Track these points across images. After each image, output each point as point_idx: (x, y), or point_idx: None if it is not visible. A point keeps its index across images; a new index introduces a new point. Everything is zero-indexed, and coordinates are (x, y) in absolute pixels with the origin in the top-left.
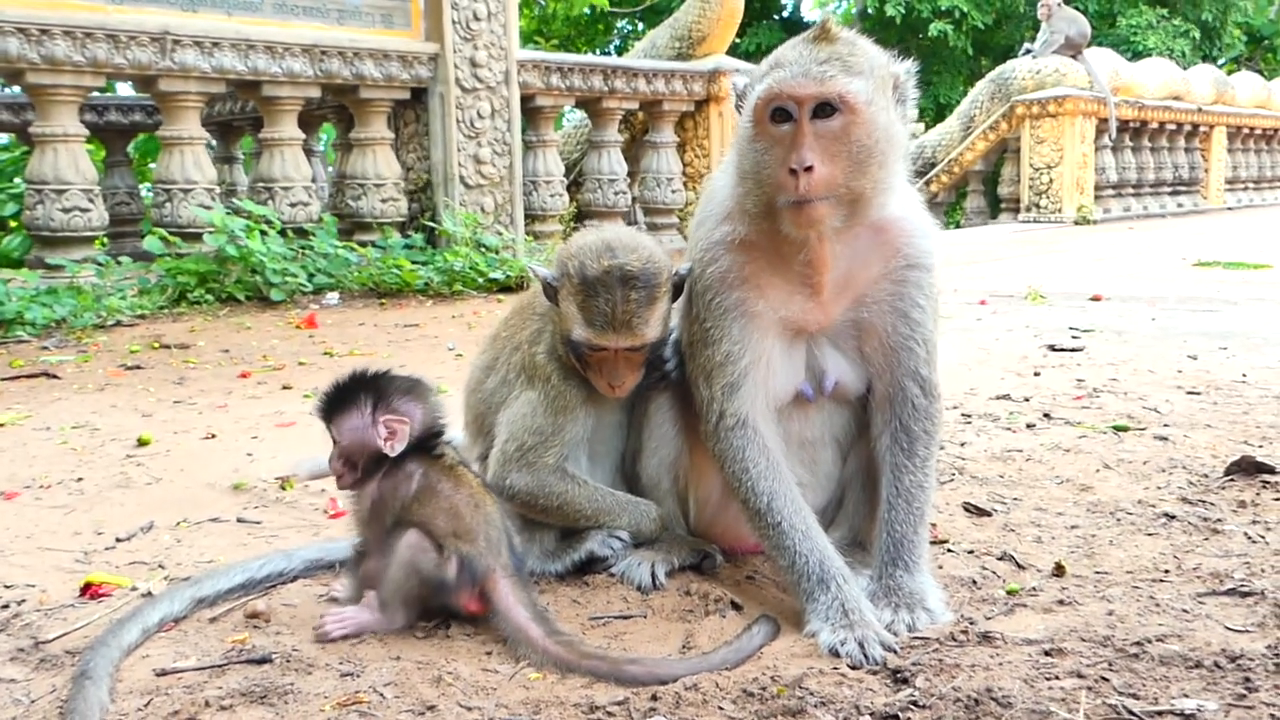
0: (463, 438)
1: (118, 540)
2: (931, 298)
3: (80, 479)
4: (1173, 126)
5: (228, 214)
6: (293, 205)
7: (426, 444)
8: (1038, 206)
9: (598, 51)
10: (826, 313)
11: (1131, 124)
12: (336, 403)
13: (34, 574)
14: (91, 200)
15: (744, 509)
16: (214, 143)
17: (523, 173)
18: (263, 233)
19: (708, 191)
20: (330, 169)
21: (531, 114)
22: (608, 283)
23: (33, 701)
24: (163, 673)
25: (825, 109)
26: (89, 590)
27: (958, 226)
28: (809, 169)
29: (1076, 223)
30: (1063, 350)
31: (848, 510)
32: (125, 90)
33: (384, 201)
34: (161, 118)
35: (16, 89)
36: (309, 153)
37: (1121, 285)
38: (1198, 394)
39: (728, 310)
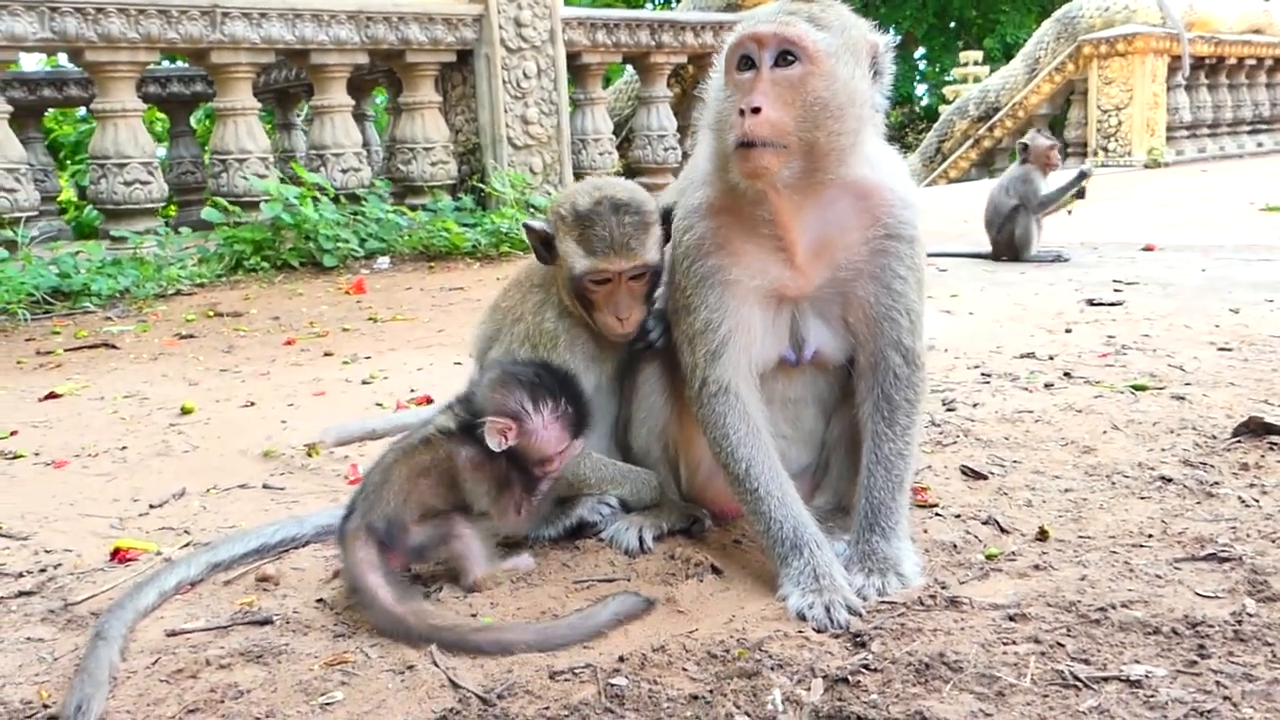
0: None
1: (151, 507)
2: (914, 268)
3: (125, 447)
4: (1252, 62)
5: (282, 182)
6: (344, 171)
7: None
8: (1106, 150)
9: (646, 6)
10: (806, 278)
11: (1207, 60)
12: None
13: (72, 539)
14: (151, 173)
15: (725, 473)
16: (272, 109)
17: (571, 131)
18: (315, 200)
19: (691, 160)
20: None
21: (578, 72)
22: (600, 212)
23: (55, 659)
24: (173, 633)
25: (786, 57)
26: (118, 555)
27: None
28: (756, 110)
29: (1147, 166)
30: (1101, 305)
31: (832, 476)
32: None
33: (433, 165)
34: (215, 90)
35: None
36: (361, 118)
37: (1178, 234)
38: (1229, 350)
39: (704, 278)
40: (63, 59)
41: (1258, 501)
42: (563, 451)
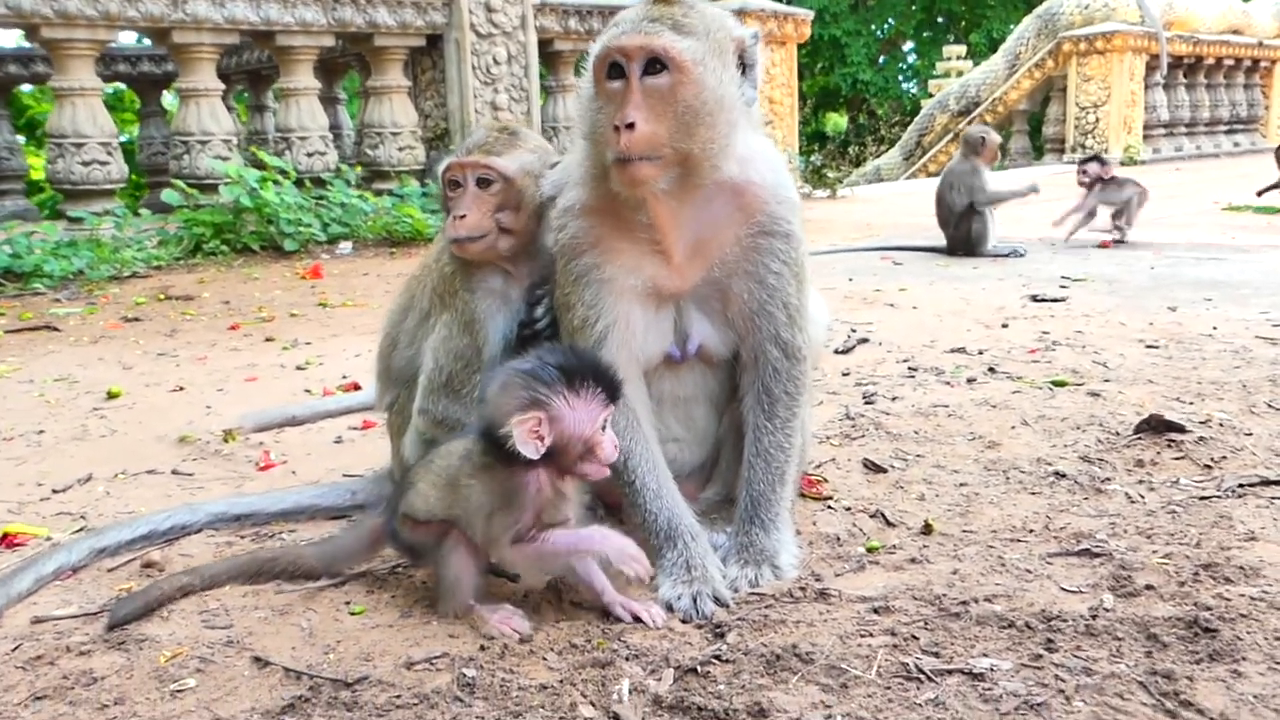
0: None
1: (54, 492)
2: (791, 262)
3: (42, 431)
4: (1230, 62)
5: (245, 165)
6: (309, 155)
7: None
8: (1083, 147)
9: None
10: (683, 277)
11: (1186, 60)
12: None
13: None
14: (110, 153)
15: None
16: (246, 91)
17: (541, 118)
18: (276, 183)
19: (563, 162)
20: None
21: (550, 59)
22: (479, 124)
23: None
24: (38, 620)
25: (654, 66)
26: (6, 540)
27: (1000, 169)
28: (630, 125)
29: (1123, 163)
30: (1044, 301)
31: (721, 468)
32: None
33: (401, 150)
34: (178, 70)
35: None
36: (333, 101)
37: (1137, 231)
38: (1156, 348)
39: (580, 276)
40: None
41: (1143, 498)
42: (604, 429)
